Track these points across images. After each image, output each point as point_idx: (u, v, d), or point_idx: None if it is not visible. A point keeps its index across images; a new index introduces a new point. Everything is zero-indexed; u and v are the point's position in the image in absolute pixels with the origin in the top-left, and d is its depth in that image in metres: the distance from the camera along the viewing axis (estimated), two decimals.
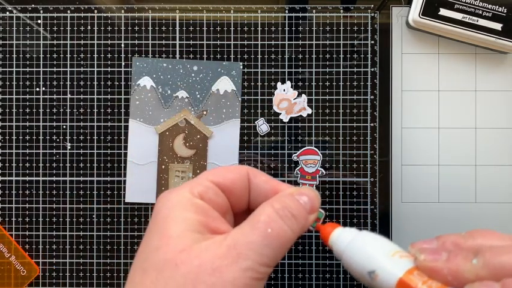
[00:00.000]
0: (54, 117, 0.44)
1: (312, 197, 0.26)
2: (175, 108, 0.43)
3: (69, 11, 0.44)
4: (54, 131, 0.44)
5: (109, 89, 0.44)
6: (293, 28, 0.44)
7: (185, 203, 0.24)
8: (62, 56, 0.44)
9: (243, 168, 0.27)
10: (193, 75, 0.43)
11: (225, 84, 0.43)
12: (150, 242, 0.23)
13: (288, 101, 0.43)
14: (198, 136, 0.43)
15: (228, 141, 0.43)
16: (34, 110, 0.44)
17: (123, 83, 0.44)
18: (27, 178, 0.44)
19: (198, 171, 0.43)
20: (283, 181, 0.43)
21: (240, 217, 0.26)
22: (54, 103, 0.44)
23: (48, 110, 0.44)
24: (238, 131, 0.43)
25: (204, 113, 0.43)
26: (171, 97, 0.43)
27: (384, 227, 0.43)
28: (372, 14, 0.43)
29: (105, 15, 0.44)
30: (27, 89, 0.44)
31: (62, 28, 0.44)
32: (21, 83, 0.44)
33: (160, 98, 0.43)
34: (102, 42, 0.44)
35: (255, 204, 0.27)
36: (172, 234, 0.22)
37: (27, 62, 0.44)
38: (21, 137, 0.44)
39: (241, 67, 0.43)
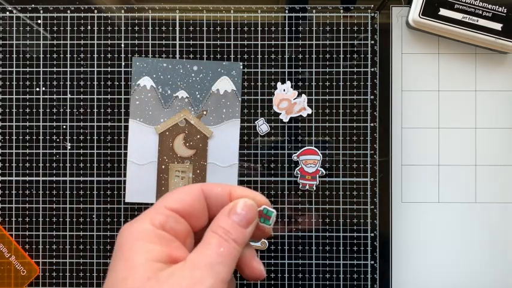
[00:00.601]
0: (54, 117, 0.44)
1: (245, 210, 0.27)
2: (175, 108, 0.43)
3: (69, 11, 0.44)
4: (54, 131, 0.44)
5: (109, 89, 0.44)
6: (293, 28, 0.44)
7: (148, 234, 0.25)
8: (62, 56, 0.44)
9: (197, 186, 0.28)
10: (193, 75, 0.43)
11: (225, 84, 0.43)
12: (117, 273, 0.24)
13: (288, 101, 0.43)
14: (198, 136, 0.43)
15: (228, 141, 0.43)
16: (34, 110, 0.44)
17: (123, 83, 0.44)
18: (27, 178, 0.44)
19: (198, 171, 0.43)
20: (283, 181, 0.44)
21: (203, 231, 0.27)
22: (54, 103, 0.44)
23: (48, 110, 0.44)
24: (238, 131, 0.43)
25: (204, 113, 0.43)
26: (171, 97, 0.43)
27: (384, 227, 0.43)
28: (372, 14, 0.43)
29: (105, 15, 0.44)
30: (27, 89, 0.44)
31: (62, 28, 0.44)
32: (21, 83, 0.44)
33: (160, 98, 0.43)
34: (102, 42, 0.44)
35: (215, 215, 0.28)
36: (137, 263, 0.24)
37: (27, 62, 0.44)
38: (21, 137, 0.44)
39: (241, 67, 0.43)
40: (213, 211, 0.28)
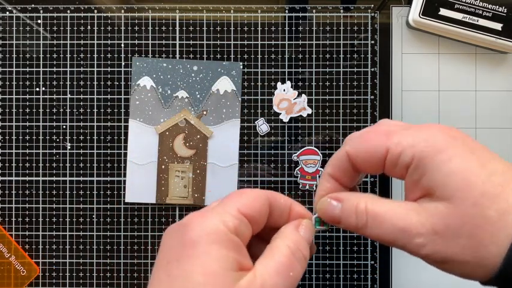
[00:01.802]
0: (54, 117, 0.44)
1: (309, 228, 0.28)
2: (175, 108, 0.43)
3: (69, 11, 0.44)
4: (54, 131, 0.44)
5: (109, 89, 0.44)
6: (293, 28, 0.44)
7: (223, 238, 0.24)
8: (62, 56, 0.44)
9: (264, 193, 0.28)
10: (193, 75, 0.43)
11: (225, 84, 0.43)
12: (193, 275, 0.24)
13: (288, 101, 0.43)
14: (198, 136, 0.43)
15: (228, 141, 0.43)
16: (34, 110, 0.44)
17: (123, 83, 0.44)
18: (27, 178, 0.44)
19: (198, 171, 0.43)
20: (283, 181, 0.44)
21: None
22: (54, 103, 0.44)
23: (48, 110, 0.44)
24: (238, 131, 0.43)
25: (204, 113, 0.43)
26: (171, 97, 0.43)
27: None
28: (372, 14, 0.43)
29: (105, 15, 0.44)
30: (27, 89, 0.44)
31: (62, 28, 0.44)
32: (21, 83, 0.44)
33: (160, 98, 0.43)
34: (102, 42, 0.44)
35: (272, 224, 0.28)
36: (216, 272, 0.23)
37: (27, 62, 0.44)
38: (21, 137, 0.44)
39: (241, 67, 0.43)
40: (272, 220, 0.28)
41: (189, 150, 0.43)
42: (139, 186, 0.43)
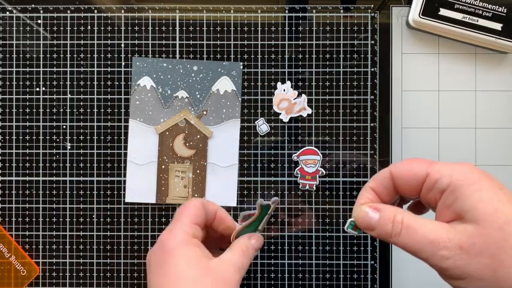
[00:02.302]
0: (54, 117, 0.44)
1: (258, 239, 0.40)
2: (175, 108, 0.43)
3: (69, 11, 0.44)
4: (54, 131, 0.44)
5: (109, 89, 0.44)
6: (293, 28, 0.44)
7: (189, 241, 0.35)
8: (62, 56, 0.44)
9: (200, 202, 0.37)
10: (193, 75, 0.43)
11: (225, 84, 0.43)
12: (180, 265, 0.33)
13: (288, 101, 0.43)
14: (198, 136, 0.43)
15: (228, 141, 0.43)
16: (34, 110, 0.44)
17: (123, 83, 0.44)
18: (27, 178, 0.44)
19: (198, 171, 0.43)
20: (283, 181, 0.44)
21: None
22: (54, 103, 0.44)
23: (48, 110, 0.44)
24: (238, 131, 0.43)
25: (204, 113, 0.43)
26: (171, 97, 0.43)
27: None
28: (372, 14, 0.43)
29: (105, 15, 0.44)
30: (27, 89, 0.44)
31: (62, 28, 0.44)
32: (21, 83, 0.44)
33: (160, 98, 0.43)
34: (102, 42, 0.44)
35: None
36: (195, 259, 0.34)
37: (27, 62, 0.44)
38: (21, 137, 0.44)
39: (241, 67, 0.43)
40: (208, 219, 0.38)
41: (189, 150, 0.43)
42: (140, 186, 0.43)
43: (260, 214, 0.40)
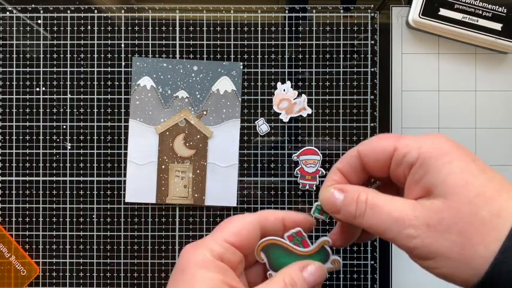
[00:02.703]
0: (54, 117, 0.44)
1: (317, 275, 0.30)
2: (175, 108, 0.43)
3: (69, 11, 0.44)
4: (54, 131, 0.44)
5: (109, 89, 0.44)
6: (293, 28, 0.44)
7: (209, 264, 0.28)
8: (62, 56, 0.44)
9: (253, 218, 0.30)
10: (193, 75, 0.43)
11: (225, 84, 0.43)
12: None
13: (288, 101, 0.43)
14: (198, 136, 0.43)
15: (228, 141, 0.43)
16: (34, 110, 0.44)
17: (123, 83, 0.44)
18: (27, 178, 0.44)
19: (198, 171, 0.43)
20: (283, 181, 0.44)
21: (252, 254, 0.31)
22: (54, 103, 0.44)
23: (48, 110, 0.44)
24: (238, 131, 0.43)
25: (204, 113, 0.43)
26: (171, 97, 0.43)
27: None
28: (372, 14, 0.43)
29: (105, 15, 0.44)
30: (27, 89, 0.44)
31: (62, 28, 0.44)
32: (21, 83, 0.44)
33: (160, 98, 0.43)
34: (102, 42, 0.44)
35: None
36: None
37: (27, 62, 0.44)
38: (21, 137, 0.44)
39: (241, 67, 0.43)
40: (265, 235, 0.31)
41: (189, 150, 0.43)
42: (140, 186, 0.43)
43: (315, 253, 0.32)
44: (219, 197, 0.43)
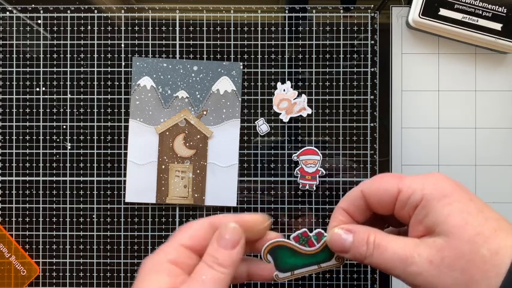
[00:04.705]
0: (54, 117, 0.44)
1: (229, 233, 0.30)
2: (175, 108, 0.43)
3: (69, 11, 0.44)
4: (54, 131, 0.44)
5: (109, 89, 0.44)
6: (293, 28, 0.44)
7: (159, 267, 0.29)
8: (62, 56, 0.44)
9: (207, 222, 0.31)
10: (193, 75, 0.43)
11: (225, 84, 0.43)
12: None
13: (288, 101, 0.43)
14: (198, 136, 0.43)
15: (228, 141, 0.43)
16: (34, 110, 0.44)
17: (123, 83, 0.44)
18: (27, 178, 0.44)
19: (198, 171, 0.43)
20: (283, 181, 0.44)
21: None
22: (54, 103, 0.44)
23: (48, 110, 0.44)
24: (238, 131, 0.43)
25: (204, 113, 0.43)
26: (171, 97, 0.43)
27: None
28: (372, 14, 0.43)
29: (105, 15, 0.44)
30: (27, 89, 0.44)
31: (62, 28, 0.44)
32: (21, 83, 0.44)
33: (160, 98, 0.43)
34: (102, 42, 0.44)
35: None
36: None
37: (27, 62, 0.44)
38: (21, 137, 0.44)
39: (241, 67, 0.43)
40: None
41: (189, 150, 0.43)
42: (140, 186, 0.43)
43: (321, 252, 0.33)
44: (219, 197, 0.43)
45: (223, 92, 0.43)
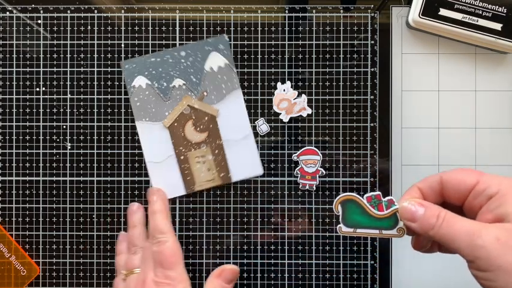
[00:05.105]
0: (54, 117, 0.44)
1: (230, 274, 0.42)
2: (175, 98, 0.43)
3: (69, 11, 0.44)
4: (54, 131, 0.44)
5: (109, 89, 0.44)
6: (293, 28, 0.44)
7: None
8: (62, 56, 0.44)
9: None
10: (182, 61, 0.43)
11: (216, 60, 0.43)
12: None
13: (288, 101, 0.43)
14: (206, 118, 0.43)
15: (236, 113, 0.43)
16: (34, 110, 0.44)
17: (123, 83, 0.44)
18: (27, 178, 0.44)
19: (216, 151, 0.43)
20: (283, 181, 0.44)
21: None
22: (54, 103, 0.44)
23: (48, 110, 0.44)
24: (242, 101, 0.43)
25: (205, 93, 0.43)
26: (168, 89, 0.43)
27: None
28: (372, 14, 0.43)
29: (105, 15, 0.44)
30: (27, 89, 0.44)
31: (62, 28, 0.44)
32: (21, 83, 0.44)
33: (158, 93, 0.43)
34: (102, 42, 0.44)
35: None
36: None
37: (27, 62, 0.44)
38: (21, 137, 0.44)
39: (227, 39, 0.43)
40: None
41: (201, 134, 0.43)
42: (166, 183, 0.43)
43: (386, 218, 0.34)
44: (244, 170, 0.43)
45: (217, 69, 0.43)
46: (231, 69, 0.43)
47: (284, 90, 0.43)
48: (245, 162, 0.43)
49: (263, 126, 0.43)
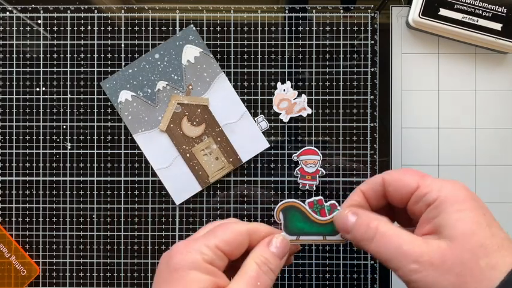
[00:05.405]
0: (54, 117, 0.44)
1: (283, 244, 0.33)
2: (164, 101, 0.43)
3: (69, 11, 0.44)
4: (54, 131, 0.44)
5: None
6: (293, 28, 0.44)
7: (199, 266, 0.30)
8: (62, 56, 0.44)
9: (246, 229, 0.32)
10: (159, 63, 0.43)
11: (190, 52, 0.43)
12: None
13: (288, 101, 0.43)
14: (199, 110, 0.43)
15: (226, 96, 0.43)
16: (34, 110, 0.44)
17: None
18: (27, 178, 0.44)
19: (219, 138, 0.43)
20: (283, 181, 0.44)
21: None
22: (54, 103, 0.44)
23: (48, 110, 0.44)
24: (228, 83, 0.43)
25: (190, 87, 0.43)
26: (154, 94, 0.43)
27: None
28: (372, 14, 0.43)
29: (105, 15, 0.44)
30: (27, 89, 0.44)
31: (62, 28, 0.44)
32: (21, 83, 0.44)
33: (146, 101, 0.43)
34: (102, 42, 0.44)
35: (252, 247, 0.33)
36: None
37: (27, 62, 0.44)
38: (21, 137, 0.44)
39: (194, 28, 0.43)
40: (252, 245, 0.33)
41: (199, 128, 0.43)
42: (181, 184, 0.43)
43: (330, 223, 0.34)
44: (251, 149, 0.43)
45: (194, 60, 0.43)
46: (208, 56, 0.43)
47: (284, 90, 0.43)
48: (250, 140, 0.43)
49: (263, 123, 0.44)
